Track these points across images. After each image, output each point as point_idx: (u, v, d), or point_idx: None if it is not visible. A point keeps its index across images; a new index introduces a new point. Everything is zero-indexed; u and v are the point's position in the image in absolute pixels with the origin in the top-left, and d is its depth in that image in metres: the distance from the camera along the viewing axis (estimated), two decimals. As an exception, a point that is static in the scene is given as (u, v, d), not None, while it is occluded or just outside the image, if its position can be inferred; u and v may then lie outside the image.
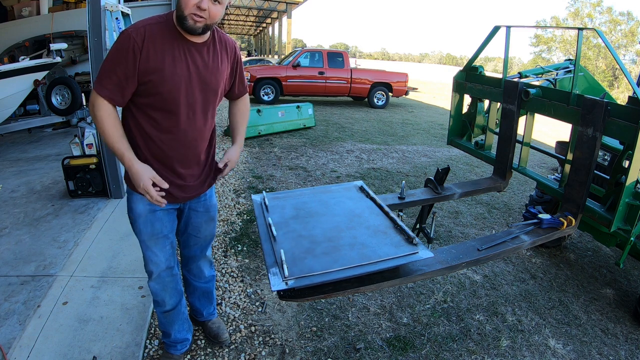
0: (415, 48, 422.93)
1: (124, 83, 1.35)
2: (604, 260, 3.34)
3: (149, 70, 1.35)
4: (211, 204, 1.76)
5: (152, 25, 1.36)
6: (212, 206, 1.77)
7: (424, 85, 21.29)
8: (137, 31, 1.33)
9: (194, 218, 1.73)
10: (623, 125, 1.81)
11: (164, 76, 1.37)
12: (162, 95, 1.39)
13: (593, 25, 25.68)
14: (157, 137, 1.46)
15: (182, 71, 1.40)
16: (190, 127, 1.50)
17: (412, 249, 1.32)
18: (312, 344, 2.09)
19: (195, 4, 1.29)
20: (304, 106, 7.30)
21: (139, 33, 1.33)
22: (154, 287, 1.69)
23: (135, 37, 1.32)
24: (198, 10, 1.30)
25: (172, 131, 1.46)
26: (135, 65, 1.33)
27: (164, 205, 1.46)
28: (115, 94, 1.37)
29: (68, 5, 6.91)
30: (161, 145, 1.47)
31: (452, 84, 2.89)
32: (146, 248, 1.62)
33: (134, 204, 1.57)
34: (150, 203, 1.54)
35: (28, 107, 6.01)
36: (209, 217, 1.77)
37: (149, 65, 1.34)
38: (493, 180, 2.60)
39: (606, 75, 24.26)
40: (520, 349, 2.21)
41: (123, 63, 1.33)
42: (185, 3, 1.30)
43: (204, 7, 1.31)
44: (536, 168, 6.01)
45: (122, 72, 1.34)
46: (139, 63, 1.33)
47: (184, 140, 1.50)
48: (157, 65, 1.35)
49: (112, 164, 3.40)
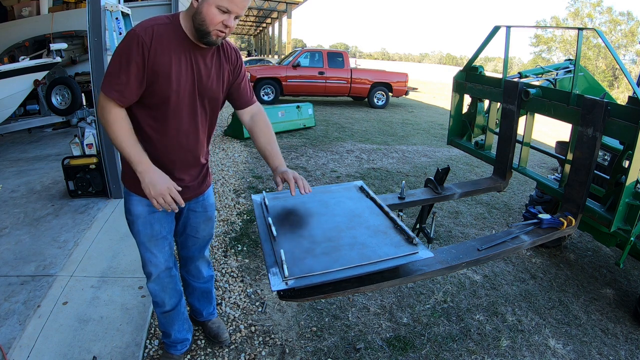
0: (415, 48, 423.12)
1: (133, 83, 1.32)
2: (604, 260, 3.34)
3: (155, 71, 1.33)
4: (209, 203, 1.75)
5: (159, 26, 1.34)
6: (210, 205, 1.76)
7: (424, 85, 21.28)
8: (145, 30, 1.31)
9: (193, 218, 1.73)
10: (623, 125, 1.81)
11: (169, 78, 1.35)
12: (166, 97, 1.38)
13: (593, 25, 25.67)
14: (157, 140, 1.45)
15: (186, 75, 1.39)
16: (191, 132, 1.48)
17: (412, 249, 1.32)
18: (312, 344, 2.09)
19: (222, 21, 1.29)
20: (304, 106, 7.30)
21: (147, 33, 1.30)
22: (153, 288, 1.68)
23: (143, 37, 1.29)
24: (223, 27, 1.31)
25: (173, 135, 1.45)
26: (144, 64, 1.30)
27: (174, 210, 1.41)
28: (125, 95, 1.33)
29: (68, 5, 6.91)
30: (161, 149, 1.46)
31: (452, 84, 2.89)
32: (145, 250, 1.61)
33: (132, 205, 1.55)
34: (149, 204, 1.53)
35: (28, 107, 6.01)
36: (207, 216, 1.76)
37: (157, 66, 1.33)
38: (493, 180, 2.60)
39: (606, 75, 24.25)
40: (520, 349, 2.21)
41: (132, 62, 1.29)
42: (211, 20, 1.28)
43: (231, 25, 1.31)
44: (536, 168, 6.01)
45: (132, 72, 1.30)
46: (148, 62, 1.31)
47: (185, 145, 1.48)
48: (164, 66, 1.34)
49: (112, 164, 3.40)
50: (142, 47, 1.29)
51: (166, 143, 1.46)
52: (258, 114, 1.66)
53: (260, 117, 1.65)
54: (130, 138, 1.35)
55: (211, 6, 1.27)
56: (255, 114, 1.66)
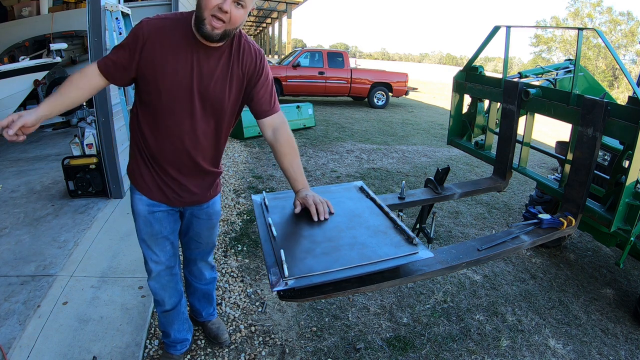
0: (415, 48, 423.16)
1: (119, 64, 1.35)
2: (604, 260, 3.34)
3: (148, 62, 1.32)
4: (214, 211, 1.72)
5: (166, 20, 1.34)
6: (214, 214, 1.73)
7: (424, 85, 21.28)
8: (150, 22, 1.33)
9: (195, 224, 1.71)
10: (623, 125, 1.81)
11: (164, 74, 1.33)
12: (159, 94, 1.36)
13: (593, 25, 25.68)
14: (150, 137, 1.44)
15: (184, 72, 1.33)
16: (187, 136, 1.42)
17: (412, 249, 1.32)
18: (312, 344, 2.09)
19: (217, 4, 1.20)
20: (304, 106, 7.30)
21: (151, 24, 1.32)
22: (153, 286, 1.68)
23: (145, 27, 1.32)
24: (219, 12, 1.21)
25: (165, 134, 1.42)
26: (135, 52, 1.32)
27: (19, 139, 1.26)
28: (109, 69, 1.36)
29: (68, 5, 6.90)
30: (154, 146, 1.45)
31: (452, 84, 2.89)
32: (146, 247, 1.61)
33: (134, 202, 1.56)
34: (149, 204, 1.52)
35: (28, 107, 6.01)
36: (210, 224, 1.74)
37: (150, 57, 1.32)
38: (493, 180, 2.60)
39: (606, 75, 24.26)
40: (520, 349, 2.21)
41: (126, 47, 1.33)
42: (206, 3, 1.21)
43: (226, 8, 1.20)
44: (536, 168, 6.01)
45: (120, 55, 1.34)
46: (142, 53, 1.32)
47: (179, 147, 1.43)
48: (158, 59, 1.32)
49: (112, 164, 3.40)
50: (140, 36, 1.31)
51: (161, 142, 1.44)
52: (280, 130, 1.52)
53: (282, 133, 1.52)
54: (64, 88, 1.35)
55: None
56: (277, 129, 1.52)
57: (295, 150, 1.54)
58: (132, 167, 1.54)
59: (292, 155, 1.52)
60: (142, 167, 1.50)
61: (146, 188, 1.52)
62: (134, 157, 1.53)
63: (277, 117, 1.53)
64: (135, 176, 1.53)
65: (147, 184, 1.51)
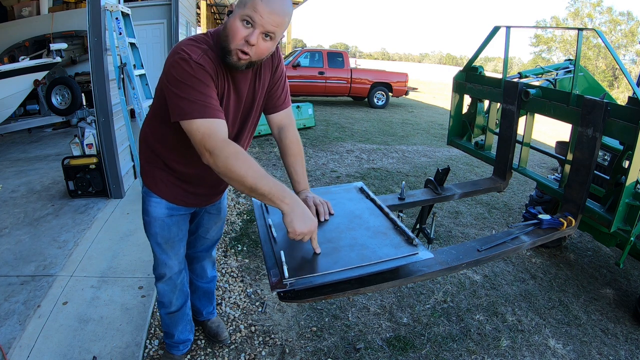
0: (415, 48, 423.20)
1: (216, 99, 1.18)
2: (604, 260, 3.34)
3: None
4: (223, 205, 1.76)
5: (207, 51, 1.21)
6: (224, 208, 1.77)
7: (424, 85, 21.28)
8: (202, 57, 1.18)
9: (206, 219, 1.73)
10: (623, 125, 1.81)
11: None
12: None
13: (593, 25, 25.67)
14: (180, 163, 1.40)
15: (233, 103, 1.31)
16: None
17: (412, 249, 1.32)
18: (312, 344, 2.09)
19: (244, 37, 1.14)
20: (304, 106, 7.30)
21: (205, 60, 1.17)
22: (162, 288, 1.67)
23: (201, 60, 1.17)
24: (245, 45, 1.15)
25: (198, 163, 1.23)
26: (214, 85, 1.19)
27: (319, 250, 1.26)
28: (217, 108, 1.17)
29: (68, 5, 6.89)
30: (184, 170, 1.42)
31: (452, 84, 2.89)
32: (161, 251, 1.57)
33: (150, 206, 1.49)
34: (168, 207, 1.49)
35: (28, 107, 6.00)
36: (220, 218, 1.77)
37: None
38: (493, 180, 2.60)
39: (606, 75, 24.25)
40: (520, 349, 2.21)
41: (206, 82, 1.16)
42: (233, 35, 1.15)
43: (253, 42, 1.14)
44: (536, 168, 6.01)
45: (212, 91, 1.18)
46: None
47: (211, 173, 1.22)
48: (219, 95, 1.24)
49: (112, 164, 3.40)
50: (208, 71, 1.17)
51: (192, 169, 1.41)
52: (287, 129, 1.51)
53: (288, 132, 1.50)
54: (259, 169, 1.16)
55: (236, 19, 1.14)
56: (284, 128, 1.51)
57: (300, 150, 1.52)
58: (153, 174, 1.48)
59: (295, 155, 1.51)
60: (164, 177, 1.46)
61: (169, 194, 1.48)
62: (154, 166, 1.46)
63: (284, 114, 1.51)
64: (157, 182, 1.47)
65: (170, 191, 1.48)
